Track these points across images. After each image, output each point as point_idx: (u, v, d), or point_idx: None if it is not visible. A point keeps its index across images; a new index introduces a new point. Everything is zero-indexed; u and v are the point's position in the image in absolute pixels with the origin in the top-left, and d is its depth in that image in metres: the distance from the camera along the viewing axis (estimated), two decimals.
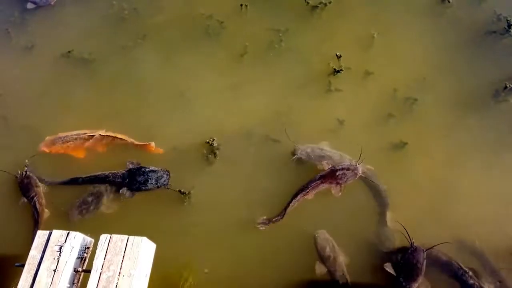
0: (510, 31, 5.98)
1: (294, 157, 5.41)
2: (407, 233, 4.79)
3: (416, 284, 4.61)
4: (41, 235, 4.21)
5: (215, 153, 5.53)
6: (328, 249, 4.93)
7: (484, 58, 5.96)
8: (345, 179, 5.12)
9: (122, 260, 4.06)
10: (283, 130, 5.52)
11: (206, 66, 6.27)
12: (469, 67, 5.93)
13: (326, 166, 5.29)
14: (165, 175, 5.39)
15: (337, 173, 5.12)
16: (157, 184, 5.33)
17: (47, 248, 4.12)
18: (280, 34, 6.30)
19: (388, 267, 4.75)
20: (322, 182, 5.15)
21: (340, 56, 5.96)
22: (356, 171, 5.12)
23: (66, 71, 6.33)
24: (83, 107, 6.06)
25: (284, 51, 6.27)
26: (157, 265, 4.52)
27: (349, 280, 4.80)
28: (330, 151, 5.43)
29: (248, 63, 6.22)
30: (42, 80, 6.31)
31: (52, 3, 6.80)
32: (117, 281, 3.96)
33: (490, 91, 5.69)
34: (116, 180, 5.39)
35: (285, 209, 5.08)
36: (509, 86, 5.57)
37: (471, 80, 5.83)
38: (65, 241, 4.14)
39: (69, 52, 6.39)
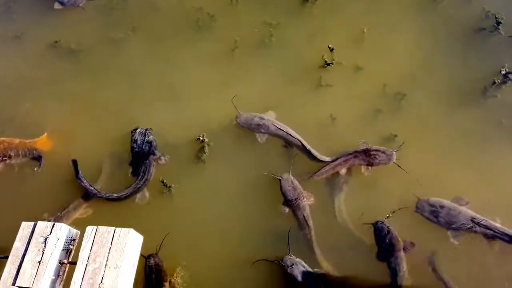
0: (499, 28, 6.02)
1: (233, 122, 5.56)
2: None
3: (401, 251, 4.69)
4: (25, 227, 4.11)
5: (205, 148, 5.48)
6: (291, 191, 5.05)
7: (474, 54, 6.00)
8: (377, 161, 5.17)
9: (109, 252, 3.99)
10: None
11: (197, 60, 6.20)
12: (459, 63, 5.96)
13: (260, 138, 5.45)
14: (142, 131, 5.47)
15: (371, 153, 5.17)
16: (149, 141, 5.40)
17: (31, 240, 4.03)
18: (271, 29, 6.27)
19: (377, 256, 4.81)
20: (354, 157, 5.21)
21: (333, 49, 5.95)
22: (390, 156, 5.17)
23: (54, 62, 6.22)
24: (71, 98, 5.96)
25: (275, 46, 6.23)
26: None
27: (310, 224, 4.94)
28: (268, 120, 5.49)
29: (239, 58, 6.17)
30: (30, 70, 6.20)
31: (80, 4, 6.55)
32: (103, 273, 3.89)
33: (479, 87, 5.72)
34: (141, 187, 5.26)
35: (313, 173, 5.21)
36: (497, 81, 5.63)
37: (460, 76, 5.86)
38: (50, 232, 4.06)
39: (56, 42, 6.28)
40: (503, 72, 5.65)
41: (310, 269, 4.71)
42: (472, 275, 4.75)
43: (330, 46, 5.96)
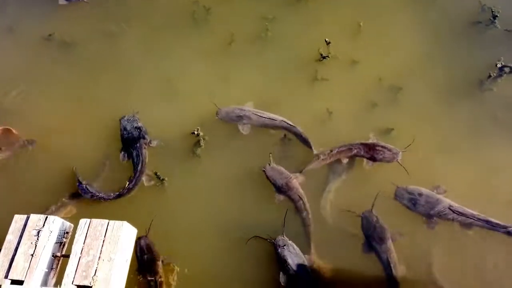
0: (495, 22, 6.01)
1: (216, 117, 5.57)
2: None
3: (389, 241, 4.72)
4: (18, 219, 4.09)
5: (200, 142, 5.43)
6: (279, 177, 5.06)
7: (470, 48, 5.99)
8: (381, 157, 5.15)
9: (102, 245, 3.97)
10: None
11: (193, 53, 6.17)
12: (455, 56, 5.95)
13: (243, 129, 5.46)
14: (130, 117, 5.58)
15: (376, 148, 5.16)
16: (138, 126, 5.48)
17: (24, 233, 4.01)
18: (267, 23, 6.22)
19: (364, 247, 4.83)
20: (358, 149, 5.20)
21: (330, 43, 5.92)
22: (395, 155, 5.13)
23: (47, 55, 6.18)
24: (65, 91, 5.92)
25: (271, 40, 6.20)
26: None
27: (305, 201, 4.99)
28: (248, 111, 5.52)
29: (235, 52, 6.14)
30: (23, 63, 6.15)
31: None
32: (96, 266, 3.87)
33: (475, 81, 5.71)
34: (142, 170, 5.27)
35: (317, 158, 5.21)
36: (493, 75, 5.61)
37: (456, 69, 5.84)
38: (43, 225, 4.03)
39: (50, 35, 6.23)
40: (498, 65, 5.63)
41: (301, 253, 4.73)
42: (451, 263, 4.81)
43: (326, 39, 5.92)
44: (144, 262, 4.70)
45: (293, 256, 4.66)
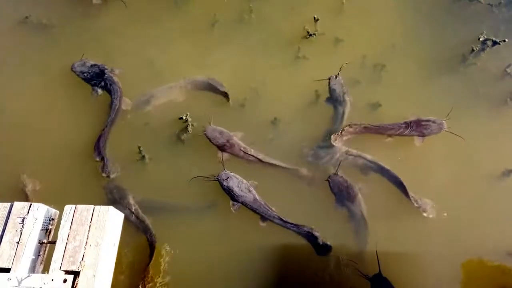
0: None
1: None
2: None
3: (358, 196, 4.99)
4: (1, 208, 4.03)
5: (188, 128, 5.37)
6: (220, 137, 5.24)
7: (453, 24, 6.00)
8: (428, 131, 5.23)
9: (89, 230, 3.95)
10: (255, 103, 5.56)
11: (176, 35, 6.06)
12: (438, 32, 5.95)
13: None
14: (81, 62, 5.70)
15: (422, 123, 5.25)
16: (94, 64, 5.68)
17: (8, 221, 3.96)
18: (250, 4, 6.13)
19: (337, 207, 5.02)
20: (406, 127, 5.27)
21: (318, 19, 5.87)
22: (441, 126, 5.23)
23: (25, 38, 6.01)
24: (44, 75, 5.79)
25: (255, 20, 6.12)
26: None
27: (252, 152, 5.19)
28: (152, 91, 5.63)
29: (218, 33, 6.06)
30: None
31: None
32: (84, 251, 3.85)
33: (458, 56, 5.75)
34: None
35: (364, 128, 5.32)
36: (476, 49, 5.64)
37: (439, 45, 5.86)
38: (28, 212, 3.99)
39: (26, 18, 6.05)
40: (481, 39, 5.66)
41: (244, 180, 5.04)
42: None
43: (315, 16, 5.87)
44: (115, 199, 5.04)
45: (238, 183, 4.99)
